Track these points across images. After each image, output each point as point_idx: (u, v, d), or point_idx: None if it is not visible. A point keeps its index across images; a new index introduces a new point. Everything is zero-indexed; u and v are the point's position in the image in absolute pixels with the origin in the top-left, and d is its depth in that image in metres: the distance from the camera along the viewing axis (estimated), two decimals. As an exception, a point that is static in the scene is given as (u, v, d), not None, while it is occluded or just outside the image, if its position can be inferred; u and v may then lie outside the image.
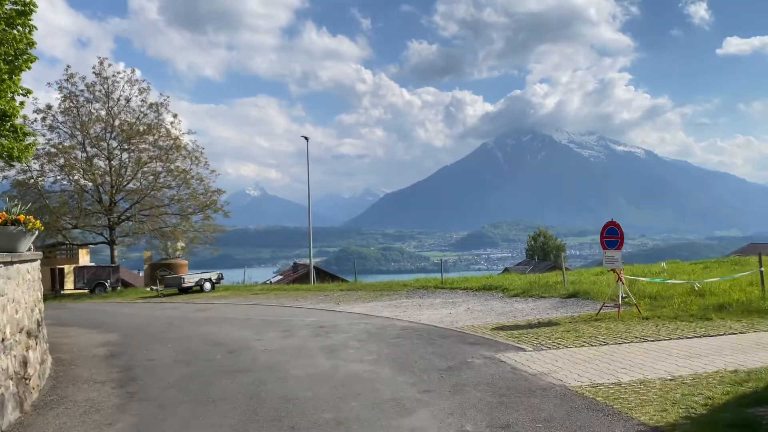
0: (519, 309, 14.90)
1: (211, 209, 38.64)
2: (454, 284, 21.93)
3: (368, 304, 18.42)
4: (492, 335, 11.09)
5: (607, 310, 13.05)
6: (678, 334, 10.22)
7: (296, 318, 15.63)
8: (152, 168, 37.91)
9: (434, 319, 13.82)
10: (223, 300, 24.36)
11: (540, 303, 15.80)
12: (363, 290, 23.79)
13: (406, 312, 15.70)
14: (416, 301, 18.57)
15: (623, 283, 12.66)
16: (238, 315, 17.59)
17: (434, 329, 12.20)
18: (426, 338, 11.07)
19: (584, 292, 16.25)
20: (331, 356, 9.71)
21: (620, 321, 11.91)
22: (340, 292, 23.78)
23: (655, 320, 11.76)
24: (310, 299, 21.79)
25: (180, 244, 41.09)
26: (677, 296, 14.00)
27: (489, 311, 14.87)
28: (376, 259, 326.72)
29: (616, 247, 12.45)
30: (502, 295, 18.36)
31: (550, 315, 13.51)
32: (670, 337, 10.01)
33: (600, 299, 15.28)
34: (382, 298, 20.27)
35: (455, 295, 19.48)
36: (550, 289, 17.61)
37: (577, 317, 12.86)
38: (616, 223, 12.54)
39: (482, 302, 16.97)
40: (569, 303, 15.32)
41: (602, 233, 12.80)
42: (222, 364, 9.52)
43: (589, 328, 11.24)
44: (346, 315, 15.82)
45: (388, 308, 16.96)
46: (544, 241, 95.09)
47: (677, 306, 12.89)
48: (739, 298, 12.65)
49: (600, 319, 12.27)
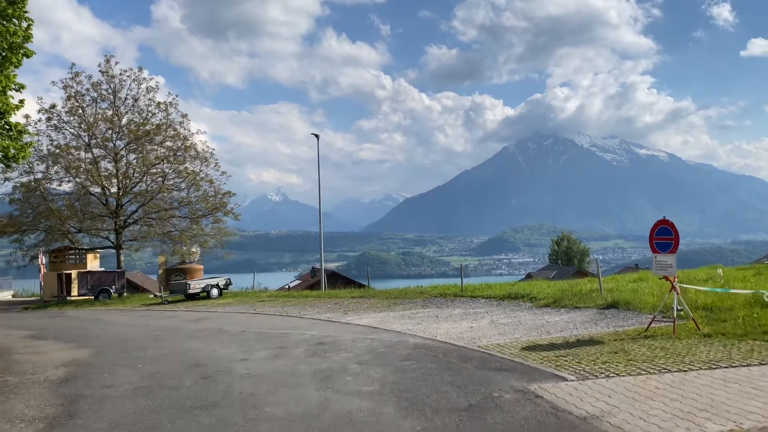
0: (552, 322, 12.89)
1: (221, 212, 37.08)
2: (475, 292, 19.94)
3: (379, 315, 16.54)
4: (523, 358, 9.12)
5: (657, 324, 11.01)
6: (757, 357, 8.17)
7: (295, 331, 13.81)
8: (160, 169, 36.50)
9: (453, 335, 11.89)
10: (227, 308, 22.69)
11: (575, 315, 13.77)
12: (376, 298, 21.92)
13: (421, 325, 13.79)
14: (433, 311, 16.64)
15: (678, 292, 10.60)
16: (234, 326, 15.84)
17: (452, 348, 10.27)
18: (442, 361, 9.15)
19: (624, 302, 14.17)
20: (324, 386, 7.85)
21: (676, 339, 9.87)
22: (351, 300, 21.95)
23: (719, 338, 9.70)
24: (317, 308, 19.99)
25: (194, 249, 39.65)
26: (738, 308, 11.91)
27: (516, 325, 12.88)
28: (396, 264, 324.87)
29: (670, 250, 10.41)
30: (530, 305, 16.34)
31: (590, 330, 11.49)
32: (748, 362, 7.97)
33: (644, 311, 13.23)
34: (396, 307, 18.37)
35: (477, 304, 17.51)
36: (585, 299, 15.55)
37: (622, 333, 10.83)
38: (669, 222, 10.50)
39: (508, 314, 14.97)
40: (608, 315, 13.27)
41: (652, 233, 10.77)
42: (188, 395, 7.71)
43: (641, 349, 9.22)
44: (352, 328, 13.96)
45: (400, 320, 15.06)
46: (567, 246, 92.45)
47: (742, 320, 10.80)
48: (820, 311, 10.53)
49: (651, 336, 10.23)
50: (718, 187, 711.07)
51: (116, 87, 36.02)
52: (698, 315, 11.67)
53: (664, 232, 10.54)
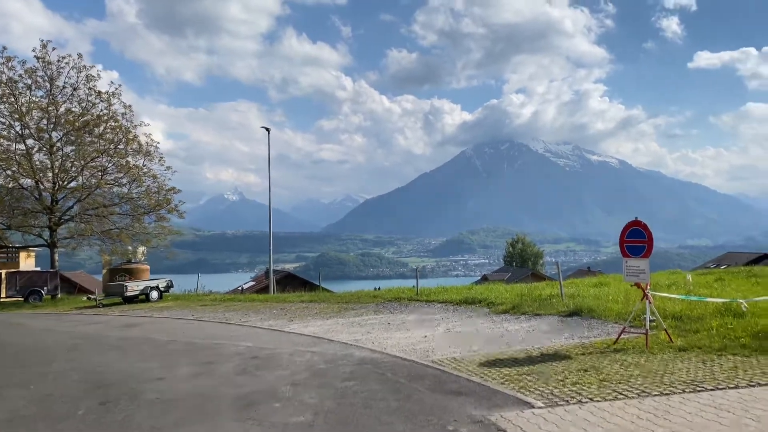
0: (511, 331, 11.84)
1: (164, 209, 35.00)
2: (431, 296, 18.81)
3: (327, 322, 15.22)
4: (482, 376, 7.98)
5: (626, 335, 10.07)
6: (743, 377, 7.24)
7: (230, 342, 12.36)
8: (100, 163, 34.18)
9: (404, 346, 10.69)
10: (164, 313, 20.96)
11: (536, 323, 12.77)
12: (326, 302, 20.58)
13: (371, 334, 12.54)
14: (385, 317, 15.42)
15: (651, 301, 9.67)
16: (164, 335, 14.26)
17: (402, 364, 9.05)
18: (390, 381, 7.92)
19: (588, 309, 13.26)
20: (245, 415, 6.51)
21: (650, 353, 8.92)
22: (299, 305, 20.55)
23: (696, 352, 8.79)
24: (261, 314, 18.52)
25: (141, 248, 37.38)
26: (709, 317, 11.11)
27: (474, 334, 11.78)
28: (355, 265, 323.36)
29: (642, 254, 9.46)
30: (488, 311, 15.29)
31: (553, 341, 10.47)
32: (734, 382, 7.01)
33: (609, 319, 12.33)
34: (346, 313, 17.08)
35: (432, 309, 16.38)
36: (546, 305, 14.60)
37: (589, 345, 9.84)
38: (642, 224, 9.55)
39: (464, 321, 13.87)
40: (572, 324, 12.32)
41: (622, 236, 9.82)
42: (74, 428, 6.26)
43: (613, 365, 8.21)
44: (294, 338, 12.60)
45: (349, 328, 13.78)
46: (522, 248, 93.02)
47: (716, 332, 9.96)
48: (798, 322, 9.76)
49: (621, 350, 9.26)
50: (666, 193, 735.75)
51: (53, 74, 33.48)
52: (668, 325, 10.82)
53: (636, 234, 9.59)
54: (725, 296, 13.23)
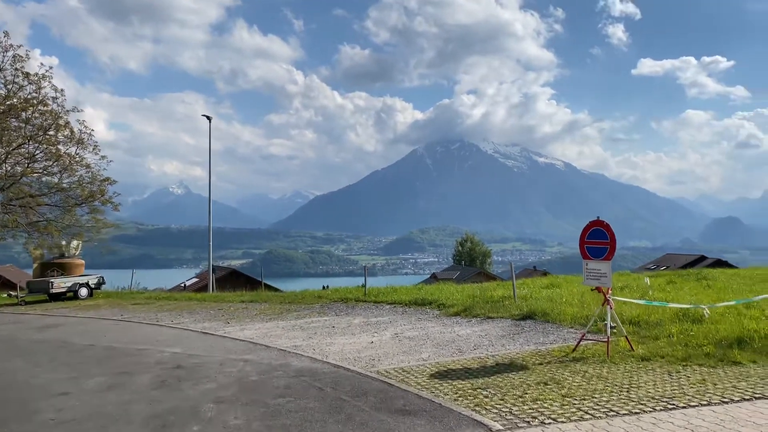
0: (463, 336, 11.09)
1: (98, 201, 32.87)
2: (379, 297, 17.95)
3: (266, 325, 14.14)
4: (433, 390, 7.15)
5: (586, 342, 9.46)
6: (715, 392, 6.66)
7: (155, 347, 11.15)
8: (27, 150, 31.78)
9: (348, 354, 9.77)
10: (90, 312, 19.38)
11: (488, 327, 12.08)
12: (268, 302, 19.45)
13: (313, 339, 11.57)
14: (330, 320, 14.46)
15: (612, 307, 9.08)
16: (83, 338, 12.88)
17: (345, 376, 8.13)
18: (329, 397, 6.99)
19: (542, 312, 12.68)
20: (153, 443, 5.47)
21: (611, 363, 8.31)
22: (239, 305, 19.35)
23: (659, 362, 8.23)
24: (197, 314, 17.25)
25: (75, 242, 35.02)
26: (667, 323, 10.67)
27: (424, 340, 10.97)
28: (304, 263, 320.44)
29: (604, 256, 8.85)
30: (439, 313, 14.55)
31: (508, 348, 9.77)
32: (707, 398, 6.41)
33: (564, 323, 11.77)
34: (288, 314, 16.03)
35: (380, 311, 15.52)
36: (498, 307, 13.97)
37: (546, 353, 9.18)
38: (604, 224, 8.95)
39: (414, 324, 13.07)
40: (526, 328, 11.68)
41: (582, 237, 9.19)
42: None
43: (574, 377, 7.53)
44: (227, 343, 11.49)
45: (290, 332, 12.76)
46: (471, 247, 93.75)
47: (676, 338, 9.48)
48: (760, 329, 9.36)
49: (581, 359, 8.63)
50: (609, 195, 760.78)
51: (-25, 53, 30.90)
52: (626, 331, 10.31)
53: (598, 235, 8.97)
54: (681, 300, 12.91)
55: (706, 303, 11.53)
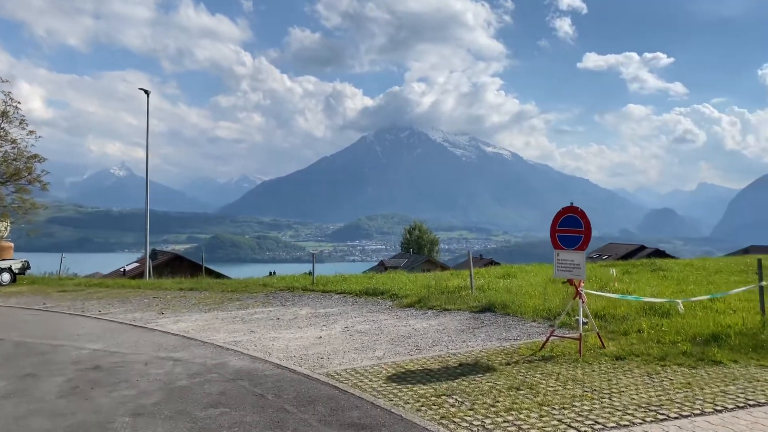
0: (420, 330, 10.23)
1: (24, 179, 30.44)
2: (328, 286, 16.91)
3: (204, 316, 12.91)
4: (391, 398, 6.22)
5: (554, 338, 8.73)
6: (704, 397, 5.99)
7: (73, 343, 9.80)
8: (-56, 123, 29.01)
9: (294, 351, 8.74)
10: (10, 300, 17.53)
11: (446, 320, 11.26)
12: (208, 291, 18.12)
13: (255, 333, 10.46)
14: (275, 311, 13.35)
15: (584, 301, 8.37)
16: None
17: (290, 380, 7.10)
18: (271, 407, 5.95)
19: (501, 304, 11.96)
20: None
21: (585, 362, 7.60)
22: (177, 293, 17.94)
23: (635, 362, 7.57)
24: (129, 303, 15.79)
25: (2, 224, 32.32)
26: (634, 317, 10.11)
27: (377, 334, 10.04)
28: (251, 248, 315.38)
29: (578, 245, 8.11)
30: (391, 304, 13.66)
31: (470, 345, 8.96)
32: (699, 406, 5.73)
33: (526, 316, 11.08)
34: (230, 304, 14.82)
35: (329, 302, 14.50)
36: (455, 299, 13.19)
37: (512, 351, 8.41)
38: (579, 211, 8.20)
39: (366, 316, 12.13)
40: (486, 321, 10.93)
41: (554, 225, 8.43)
42: None
43: (549, 381, 6.75)
44: (158, 338, 10.24)
45: (230, 324, 11.60)
46: (419, 235, 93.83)
47: (647, 334, 8.89)
48: (734, 325, 8.87)
49: (551, 358, 7.89)
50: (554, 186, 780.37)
51: None
52: (591, 324, 9.71)
53: (571, 222, 8.22)
54: (643, 292, 12.45)
55: (677, 297, 11.08)
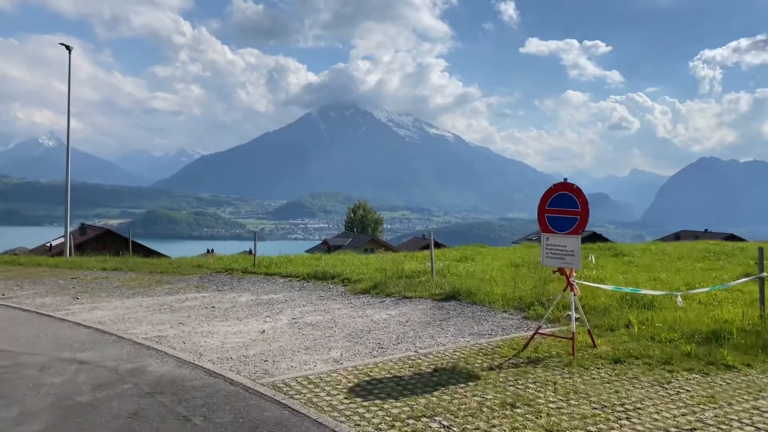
0: (380, 323, 8.90)
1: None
2: (271, 268, 15.33)
3: (126, 302, 11.14)
4: (358, 422, 4.84)
5: (540, 335, 7.57)
6: (741, 418, 4.93)
7: (-48, 339, 7.93)
8: None
9: (231, 351, 7.23)
10: None
11: (407, 310, 9.97)
12: (135, 271, 16.23)
13: (185, 326, 8.85)
14: (210, 297, 11.72)
15: (577, 293, 7.22)
16: None
17: (226, 393, 5.60)
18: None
19: (466, 291, 10.77)
20: None
21: (579, 366, 6.47)
22: (99, 273, 15.99)
23: (636, 365, 6.48)
24: (41, 284, 13.78)
25: None
26: (615, 308, 9.13)
27: (331, 327, 8.64)
28: (188, 224, 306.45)
29: (571, 229, 6.92)
30: (344, 289, 12.28)
31: (440, 342, 7.70)
32: (740, 429, 4.67)
33: (495, 306, 9.94)
34: (158, 287, 13.05)
35: (273, 286, 12.97)
36: (414, 284, 11.92)
37: (492, 351, 7.20)
38: (574, 188, 6.98)
39: (316, 304, 10.69)
40: (452, 312, 9.71)
41: (543, 204, 7.20)
42: None
43: (547, 394, 5.54)
44: (65, 331, 8.47)
45: (155, 313, 9.92)
46: (363, 214, 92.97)
47: (638, 331, 7.88)
48: (731, 320, 7.97)
49: (539, 360, 6.72)
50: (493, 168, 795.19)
51: None
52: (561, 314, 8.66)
53: (564, 201, 7.00)
54: (614, 280, 11.56)
55: (655, 286, 10.20)
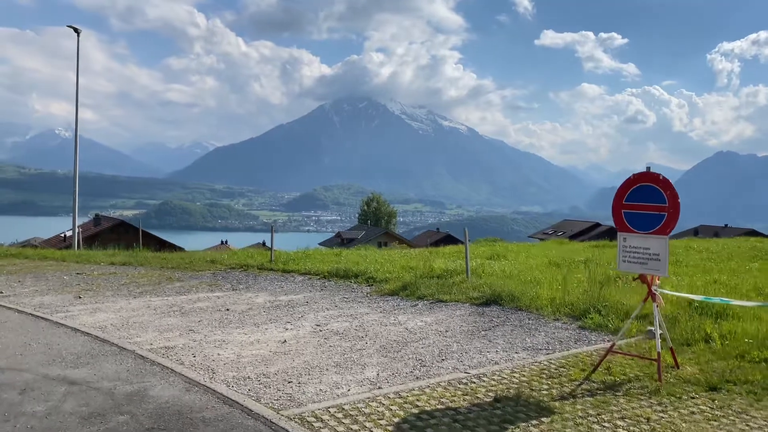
0: (416, 332, 7.81)
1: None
2: (289, 264, 14.26)
3: (132, 303, 10.14)
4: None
5: (615, 351, 6.43)
6: None
7: (-71, 349, 6.95)
8: None
9: (248, 368, 6.17)
10: None
11: (443, 316, 8.86)
12: (145, 266, 15.26)
13: (195, 333, 7.81)
14: (224, 297, 10.68)
15: (661, 305, 6.07)
16: None
17: (242, 428, 4.54)
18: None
19: (509, 295, 9.63)
20: None
21: (671, 396, 5.33)
22: (107, 268, 15.03)
23: (740, 395, 5.33)
24: (44, 280, 12.83)
25: None
26: (686, 318, 7.93)
27: (362, 338, 7.56)
28: (202, 215, 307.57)
29: (657, 227, 5.75)
30: (369, 290, 11.18)
31: (491, 358, 6.58)
32: None
33: (544, 313, 8.81)
34: (168, 285, 12.05)
35: (292, 285, 11.91)
36: (448, 286, 10.78)
37: (556, 372, 6.07)
38: (661, 179, 5.79)
39: (340, 308, 9.62)
40: (496, 319, 8.59)
41: (620, 198, 6.02)
42: None
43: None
44: (60, 338, 7.46)
45: (163, 317, 8.89)
46: (377, 207, 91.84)
47: (721, 347, 6.71)
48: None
49: (617, 387, 5.58)
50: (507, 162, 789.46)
51: None
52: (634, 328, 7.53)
53: (647, 195, 5.82)
54: (672, 285, 10.35)
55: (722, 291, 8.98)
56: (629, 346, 7.03)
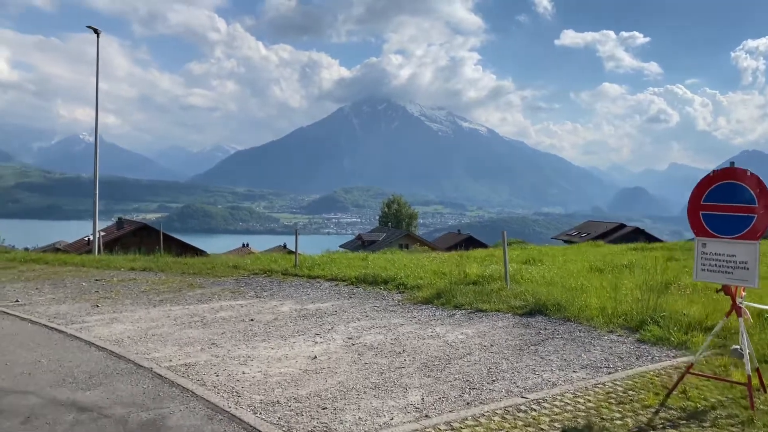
0: (458, 347, 7.11)
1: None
2: (314, 270, 13.65)
3: (152, 312, 9.60)
4: None
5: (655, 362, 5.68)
6: None
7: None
8: None
9: (277, 390, 5.54)
10: None
11: (486, 328, 8.16)
12: (165, 272, 14.77)
13: (218, 348, 7.22)
14: (247, 306, 10.09)
15: (748, 321, 5.31)
16: None
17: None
18: None
19: (555, 304, 8.89)
20: None
21: (765, 427, 4.58)
22: (127, 273, 14.58)
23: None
24: (62, 287, 12.40)
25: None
26: (756, 329, 7.13)
27: (399, 353, 6.89)
28: (223, 218, 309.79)
29: (743, 232, 5.00)
30: (401, 298, 10.51)
31: (547, 379, 5.87)
32: None
33: (596, 324, 8.06)
34: (189, 293, 11.50)
35: (318, 293, 11.29)
36: (486, 293, 10.05)
37: (624, 395, 5.34)
38: (749, 176, 5.03)
39: (372, 318, 8.95)
40: (543, 332, 7.85)
41: (696, 198, 5.28)
42: None
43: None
44: (70, 354, 6.90)
45: (184, 328, 8.32)
46: (398, 209, 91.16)
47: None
48: None
49: (698, 414, 4.85)
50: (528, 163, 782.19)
51: None
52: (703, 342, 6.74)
53: (731, 194, 5.07)
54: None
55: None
56: (699, 364, 6.27)
